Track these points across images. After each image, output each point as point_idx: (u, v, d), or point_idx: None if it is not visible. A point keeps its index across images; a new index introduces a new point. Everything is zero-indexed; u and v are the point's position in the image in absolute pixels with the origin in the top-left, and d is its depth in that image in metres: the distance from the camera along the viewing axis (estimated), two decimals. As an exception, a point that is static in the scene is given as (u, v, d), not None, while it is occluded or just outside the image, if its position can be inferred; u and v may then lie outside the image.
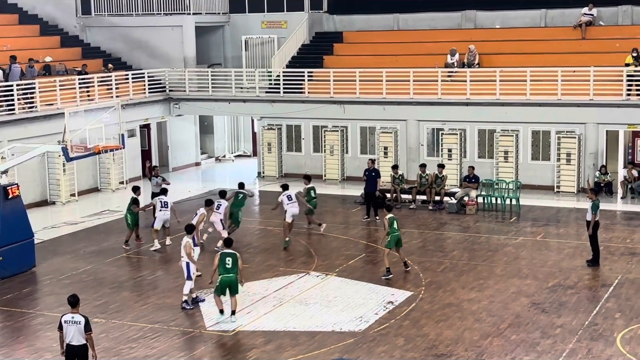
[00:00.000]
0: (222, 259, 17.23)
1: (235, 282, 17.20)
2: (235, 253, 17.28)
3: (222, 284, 17.22)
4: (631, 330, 16.55)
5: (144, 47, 37.41)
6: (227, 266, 17.13)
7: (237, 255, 17.28)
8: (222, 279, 17.19)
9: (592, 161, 29.16)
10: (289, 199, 23.66)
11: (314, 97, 33.00)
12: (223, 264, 17.17)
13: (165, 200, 23.50)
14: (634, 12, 32.68)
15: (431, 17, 35.70)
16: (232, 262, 17.14)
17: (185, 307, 18.25)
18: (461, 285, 19.65)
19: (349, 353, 15.68)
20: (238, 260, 17.20)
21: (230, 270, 17.12)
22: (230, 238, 18.23)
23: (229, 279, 17.13)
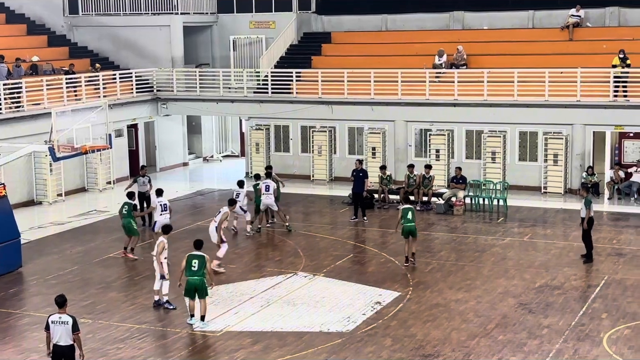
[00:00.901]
0: (188, 261, 16.98)
1: (202, 285, 16.88)
2: (203, 255, 17.03)
3: (188, 287, 16.94)
4: (618, 330, 16.62)
5: (131, 46, 37.32)
6: (193, 269, 16.85)
7: (205, 257, 17.02)
8: (188, 282, 16.92)
9: (579, 162, 29.27)
10: (266, 189, 24.55)
11: (302, 97, 33.00)
12: (189, 267, 16.90)
13: (165, 202, 23.21)
14: (620, 14, 32.84)
15: (419, 18, 35.77)
16: (199, 264, 16.85)
17: (168, 307, 18.20)
18: (449, 285, 19.68)
19: (336, 354, 15.68)
20: (205, 263, 16.90)
21: (196, 273, 16.83)
22: (200, 240, 17.85)
23: (194, 281, 16.84)
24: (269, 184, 24.80)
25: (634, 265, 21.02)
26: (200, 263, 16.91)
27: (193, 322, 17.08)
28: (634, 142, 29.72)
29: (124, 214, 22.34)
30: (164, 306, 18.30)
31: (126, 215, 22.32)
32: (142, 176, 26.39)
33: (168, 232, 18.60)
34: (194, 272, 16.90)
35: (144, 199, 26.05)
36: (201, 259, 16.97)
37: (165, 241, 18.29)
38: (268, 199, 24.66)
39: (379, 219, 26.71)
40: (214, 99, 34.63)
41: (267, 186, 24.70)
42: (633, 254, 21.97)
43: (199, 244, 17.46)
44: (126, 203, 22.57)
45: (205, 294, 17.06)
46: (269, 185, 24.74)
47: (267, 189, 24.66)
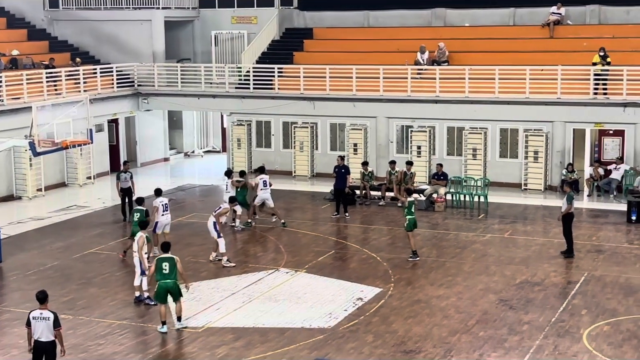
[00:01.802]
0: (158, 264, 16.57)
1: (175, 288, 16.55)
2: (173, 257, 16.65)
3: (159, 290, 16.55)
4: (597, 327, 16.75)
5: (112, 41, 37.12)
6: (164, 272, 16.48)
7: (175, 259, 16.62)
8: (159, 285, 16.55)
9: (559, 159, 29.44)
10: (264, 184, 24.76)
11: (284, 93, 32.96)
12: (160, 270, 16.53)
13: (166, 202, 22.49)
14: (601, 12, 33.04)
15: (401, 14, 35.83)
16: (170, 267, 16.49)
17: (149, 302, 18.15)
18: (430, 282, 19.75)
19: (318, 350, 15.71)
20: (176, 265, 16.53)
21: (168, 276, 16.49)
22: (168, 242, 17.68)
23: (166, 284, 16.49)
24: (266, 179, 24.96)
25: (613, 262, 21.19)
26: (170, 265, 16.51)
27: (164, 330, 16.64)
28: (613, 140, 29.94)
29: (134, 221, 20.79)
30: (144, 302, 18.24)
31: (136, 222, 20.51)
32: (125, 172, 26.19)
33: (145, 227, 18.50)
34: (166, 276, 16.50)
35: (126, 194, 25.90)
36: (171, 261, 16.57)
37: (145, 236, 18.22)
38: (265, 193, 24.86)
39: (361, 215, 26.75)
40: (195, 94, 34.53)
41: (264, 181, 24.88)
42: (612, 251, 22.14)
43: (166, 247, 17.10)
44: (137, 210, 21.21)
45: (180, 296, 16.73)
46: (266, 180, 24.92)
47: (264, 184, 24.84)
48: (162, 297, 16.63)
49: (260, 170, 25.78)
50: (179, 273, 16.63)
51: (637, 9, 32.48)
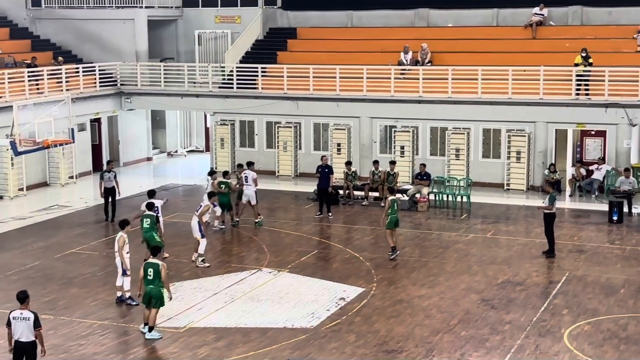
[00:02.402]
0: (145, 269, 16.42)
1: (157, 294, 16.29)
2: (158, 263, 16.41)
3: (145, 295, 16.42)
4: (578, 326, 16.84)
5: (95, 40, 36.97)
6: (149, 277, 16.29)
7: (160, 265, 16.34)
8: (145, 290, 16.40)
9: (542, 159, 29.57)
10: (245, 179, 24.77)
11: (268, 92, 32.94)
12: (145, 275, 16.36)
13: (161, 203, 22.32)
14: (583, 13, 33.23)
15: (385, 14, 35.89)
16: (154, 273, 16.30)
17: (130, 303, 18.07)
18: (412, 281, 19.79)
19: (300, 350, 15.70)
20: (160, 271, 16.28)
21: (151, 282, 16.30)
22: (157, 246, 17.56)
23: (149, 290, 16.31)
24: (248, 174, 24.90)
25: (594, 261, 21.30)
26: (154, 271, 16.30)
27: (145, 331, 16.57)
28: (595, 140, 30.11)
29: (145, 227, 20.41)
30: (126, 302, 18.17)
31: (148, 228, 20.41)
32: (109, 171, 26.02)
33: (124, 227, 18.34)
34: (150, 281, 16.33)
35: (109, 194, 25.77)
36: (155, 267, 16.34)
37: (125, 236, 18.14)
38: (248, 189, 24.79)
39: (344, 215, 26.77)
40: (178, 93, 34.44)
41: (246, 177, 24.85)
42: (594, 251, 22.26)
43: (154, 251, 16.92)
44: (147, 215, 20.65)
45: (160, 304, 16.35)
46: (247, 175, 24.86)
47: (246, 180, 24.82)
48: (146, 302, 16.46)
49: (247, 164, 25.62)
50: (163, 280, 16.34)
51: (619, 10, 32.69)
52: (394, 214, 21.50)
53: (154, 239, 20.28)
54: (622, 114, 28.42)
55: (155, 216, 20.83)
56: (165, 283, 16.39)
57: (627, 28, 31.65)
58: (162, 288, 16.36)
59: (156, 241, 20.22)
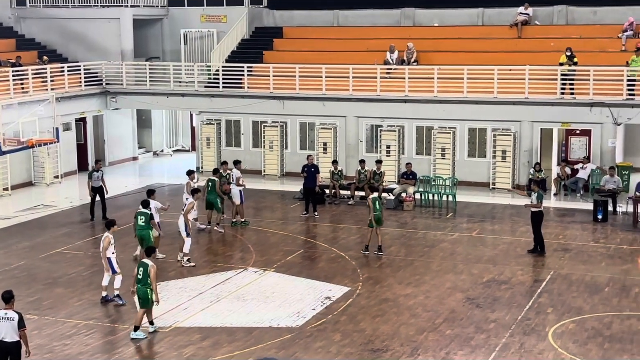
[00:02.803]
0: (137, 268, 16.46)
1: (143, 294, 16.23)
2: (148, 263, 16.34)
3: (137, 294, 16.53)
4: (563, 325, 16.91)
5: (80, 39, 36.82)
6: (139, 277, 16.31)
7: (149, 265, 16.26)
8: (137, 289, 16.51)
9: (527, 158, 29.67)
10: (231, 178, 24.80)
11: (254, 92, 32.90)
12: (137, 274, 16.39)
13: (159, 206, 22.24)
14: (568, 12, 33.36)
15: (371, 14, 35.93)
16: (143, 272, 16.28)
17: (118, 302, 18.05)
18: (398, 280, 19.82)
19: (285, 349, 15.71)
20: (148, 271, 16.19)
21: (140, 281, 16.28)
22: (151, 246, 17.50)
23: (138, 290, 16.34)
24: (233, 174, 24.92)
25: (579, 260, 21.40)
26: (143, 271, 16.31)
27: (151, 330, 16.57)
28: (580, 139, 30.22)
29: (140, 225, 20.26)
30: (113, 301, 18.10)
31: (144, 226, 20.28)
32: (96, 170, 25.90)
33: (110, 228, 18.31)
34: (139, 280, 16.32)
35: (97, 193, 25.68)
36: (145, 266, 16.34)
37: (110, 236, 18.10)
38: (233, 188, 24.79)
39: (330, 214, 26.78)
40: (164, 92, 34.34)
41: (232, 175, 24.89)
42: (579, 249, 22.35)
43: (148, 251, 16.94)
44: (142, 213, 20.42)
45: (145, 305, 16.28)
46: (233, 174, 24.89)
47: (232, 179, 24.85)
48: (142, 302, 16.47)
49: (233, 163, 25.58)
50: (151, 281, 16.26)
51: (604, 10, 32.84)
52: (377, 212, 21.60)
53: (149, 237, 20.30)
54: (606, 113, 28.55)
55: (150, 214, 20.68)
56: (152, 284, 16.28)
57: (612, 27, 31.80)
58: (149, 289, 16.30)
59: (151, 240, 20.27)
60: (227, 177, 25.08)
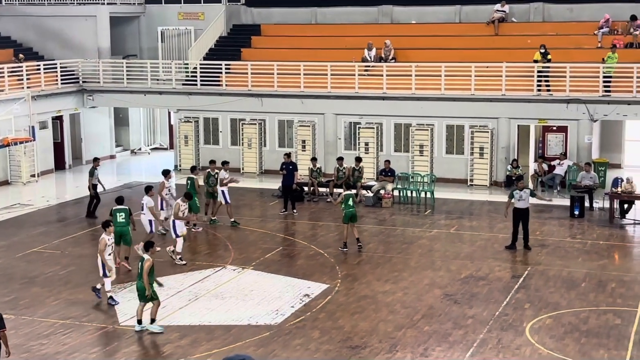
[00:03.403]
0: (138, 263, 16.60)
1: (140, 288, 16.34)
2: (144, 257, 16.47)
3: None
4: (540, 320, 17.01)
5: (56, 37, 36.58)
6: (139, 271, 16.46)
7: (144, 259, 16.42)
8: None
9: (504, 155, 29.82)
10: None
11: (232, 89, 32.83)
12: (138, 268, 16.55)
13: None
14: (545, 9, 33.55)
15: (349, 11, 35.96)
16: (140, 266, 16.42)
17: (111, 302, 17.88)
18: (376, 277, 19.86)
19: (264, 347, 15.69)
20: (142, 265, 16.30)
21: (138, 276, 16.45)
22: (150, 241, 17.44)
23: (137, 284, 16.46)
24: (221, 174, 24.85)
25: (556, 256, 21.53)
26: (140, 265, 16.41)
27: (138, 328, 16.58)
28: (556, 136, 30.42)
29: (120, 222, 20.02)
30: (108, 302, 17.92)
31: (124, 223, 20.11)
32: (95, 168, 25.82)
33: (106, 228, 17.99)
34: (138, 275, 16.47)
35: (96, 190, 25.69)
36: (141, 261, 16.45)
37: (107, 238, 17.85)
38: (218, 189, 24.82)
39: (309, 211, 26.78)
40: (141, 90, 34.20)
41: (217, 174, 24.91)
42: (555, 245, 22.50)
43: (146, 246, 16.94)
44: (119, 210, 20.25)
45: (142, 299, 16.35)
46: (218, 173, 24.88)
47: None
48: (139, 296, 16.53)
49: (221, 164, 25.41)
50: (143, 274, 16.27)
51: (580, 7, 33.08)
52: (350, 209, 21.66)
53: (129, 233, 20.32)
54: (583, 109, 28.75)
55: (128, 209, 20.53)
56: (143, 278, 16.28)
57: (588, 24, 32.02)
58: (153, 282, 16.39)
59: (130, 237, 20.33)
60: (216, 176, 24.91)
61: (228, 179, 24.99)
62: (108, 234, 17.93)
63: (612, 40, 30.34)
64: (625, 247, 22.77)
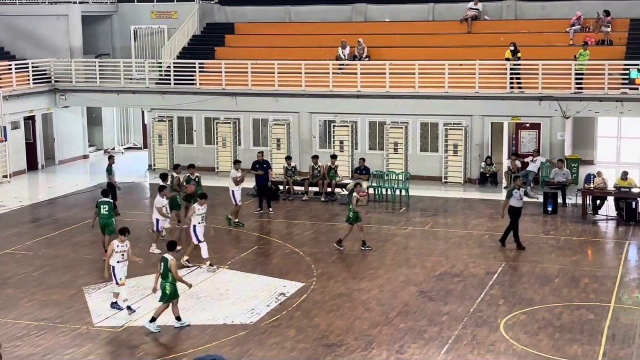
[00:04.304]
0: (159, 264, 16.51)
1: (162, 287, 16.32)
2: (167, 258, 16.32)
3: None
4: (514, 316, 17.12)
5: (28, 36, 36.25)
6: (161, 270, 16.43)
7: (168, 259, 16.24)
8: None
9: (478, 152, 29.98)
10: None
11: (206, 88, 32.73)
12: (159, 269, 16.46)
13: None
14: (517, 7, 33.76)
15: (322, 9, 35.96)
16: (164, 267, 16.33)
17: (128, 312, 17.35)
18: (352, 275, 19.89)
19: (240, 346, 15.67)
20: (169, 266, 16.21)
21: (162, 276, 16.36)
22: (173, 241, 17.26)
23: (160, 284, 16.44)
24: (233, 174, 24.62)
25: (530, 252, 21.68)
26: (164, 266, 16.30)
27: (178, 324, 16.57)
28: (529, 133, 30.63)
29: (103, 214, 20.62)
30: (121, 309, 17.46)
31: (107, 215, 20.70)
32: (111, 165, 25.79)
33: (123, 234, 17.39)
34: (161, 275, 16.37)
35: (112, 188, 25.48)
36: (165, 261, 16.34)
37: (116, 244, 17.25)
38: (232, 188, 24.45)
39: (284, 210, 26.75)
40: (114, 90, 34.00)
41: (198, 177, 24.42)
42: (529, 241, 22.62)
43: (170, 246, 16.80)
44: (103, 202, 20.81)
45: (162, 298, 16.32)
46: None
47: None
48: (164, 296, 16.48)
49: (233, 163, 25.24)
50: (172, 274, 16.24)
51: (552, 4, 33.31)
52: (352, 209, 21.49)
53: (112, 224, 20.72)
54: (555, 106, 28.97)
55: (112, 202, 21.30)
56: (175, 277, 16.26)
57: (559, 22, 32.26)
58: (168, 283, 16.24)
59: (114, 228, 20.53)
60: (196, 179, 24.48)
61: (241, 177, 24.60)
62: (120, 241, 17.28)
63: (584, 38, 30.59)
64: (598, 243, 22.99)
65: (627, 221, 24.43)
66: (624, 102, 28.39)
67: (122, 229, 17.57)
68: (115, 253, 17.24)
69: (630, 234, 23.49)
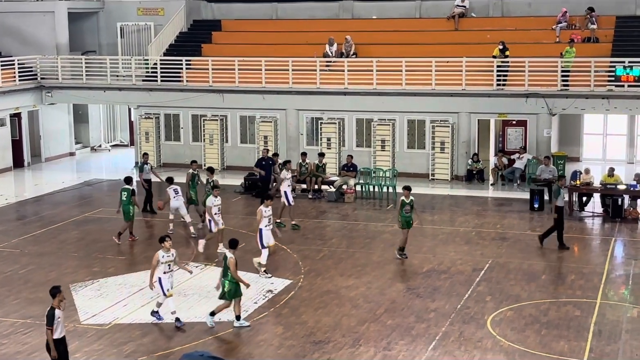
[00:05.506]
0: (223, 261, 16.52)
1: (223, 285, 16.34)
2: (227, 256, 16.26)
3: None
4: (501, 312, 17.18)
5: (14, 33, 36.09)
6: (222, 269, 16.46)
7: (228, 258, 16.20)
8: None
9: (465, 149, 30.05)
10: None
11: (193, 85, 32.66)
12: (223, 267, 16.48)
13: (176, 187, 23.16)
14: (503, 4, 33.85)
15: (309, 6, 35.95)
16: (224, 265, 16.33)
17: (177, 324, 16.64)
18: (339, 272, 19.91)
19: (227, 343, 15.65)
20: (228, 264, 16.17)
21: (223, 275, 16.35)
22: (235, 239, 16.85)
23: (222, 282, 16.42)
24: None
25: (516, 249, 21.76)
26: (224, 264, 16.31)
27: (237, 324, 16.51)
28: (516, 130, 30.71)
29: (123, 200, 22.16)
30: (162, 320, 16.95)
31: (125, 202, 22.15)
32: (146, 163, 25.99)
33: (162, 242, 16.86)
34: (223, 273, 16.38)
35: (150, 186, 25.75)
36: (225, 259, 16.36)
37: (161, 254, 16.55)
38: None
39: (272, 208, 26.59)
40: (101, 87, 33.89)
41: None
42: (516, 238, 22.73)
43: (231, 244, 16.63)
44: (125, 189, 22.29)
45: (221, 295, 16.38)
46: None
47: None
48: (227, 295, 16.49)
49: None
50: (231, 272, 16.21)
51: (539, 2, 33.41)
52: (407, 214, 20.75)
53: (129, 212, 22.07)
54: (542, 103, 29.07)
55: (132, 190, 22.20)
56: (234, 275, 16.21)
57: (546, 19, 32.36)
58: (227, 281, 16.25)
59: (130, 215, 22.08)
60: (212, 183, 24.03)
61: (289, 178, 24.17)
62: (165, 251, 16.53)
63: (570, 35, 30.71)
64: (584, 240, 23.09)
65: (613, 218, 24.57)
66: (610, 99, 28.53)
67: (162, 237, 16.89)
68: (161, 264, 16.53)
69: (617, 230, 23.62)
